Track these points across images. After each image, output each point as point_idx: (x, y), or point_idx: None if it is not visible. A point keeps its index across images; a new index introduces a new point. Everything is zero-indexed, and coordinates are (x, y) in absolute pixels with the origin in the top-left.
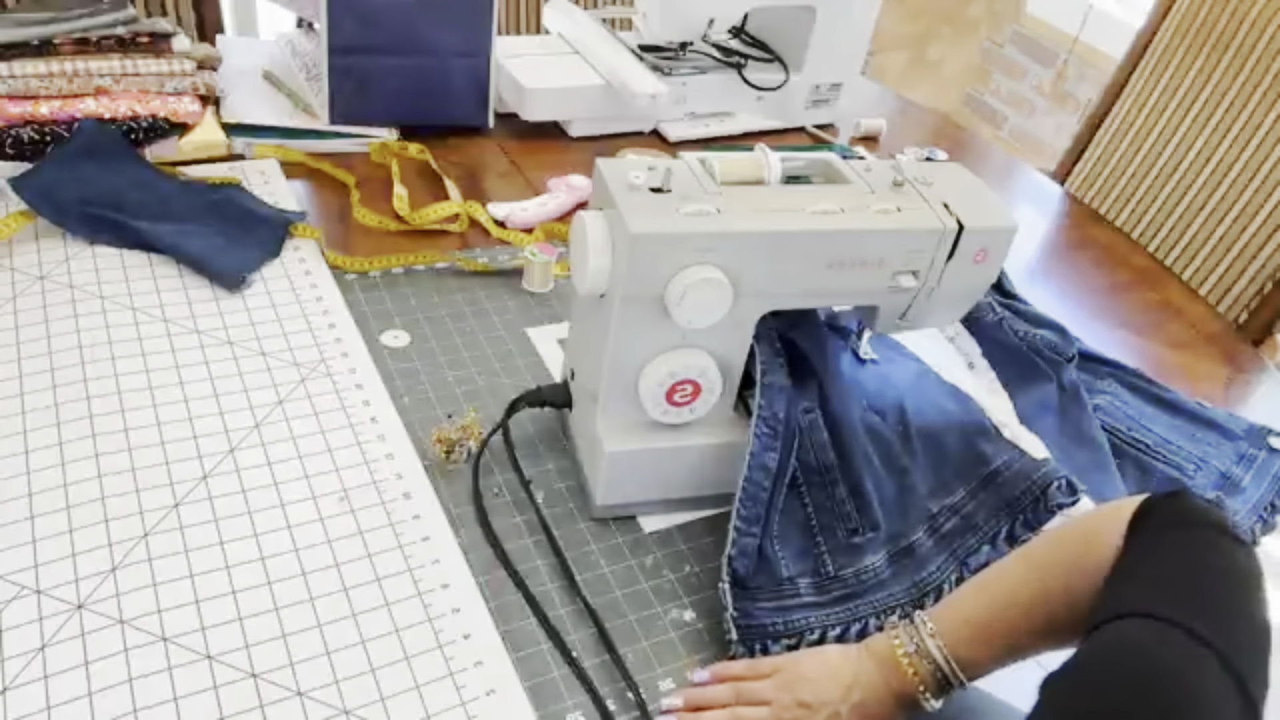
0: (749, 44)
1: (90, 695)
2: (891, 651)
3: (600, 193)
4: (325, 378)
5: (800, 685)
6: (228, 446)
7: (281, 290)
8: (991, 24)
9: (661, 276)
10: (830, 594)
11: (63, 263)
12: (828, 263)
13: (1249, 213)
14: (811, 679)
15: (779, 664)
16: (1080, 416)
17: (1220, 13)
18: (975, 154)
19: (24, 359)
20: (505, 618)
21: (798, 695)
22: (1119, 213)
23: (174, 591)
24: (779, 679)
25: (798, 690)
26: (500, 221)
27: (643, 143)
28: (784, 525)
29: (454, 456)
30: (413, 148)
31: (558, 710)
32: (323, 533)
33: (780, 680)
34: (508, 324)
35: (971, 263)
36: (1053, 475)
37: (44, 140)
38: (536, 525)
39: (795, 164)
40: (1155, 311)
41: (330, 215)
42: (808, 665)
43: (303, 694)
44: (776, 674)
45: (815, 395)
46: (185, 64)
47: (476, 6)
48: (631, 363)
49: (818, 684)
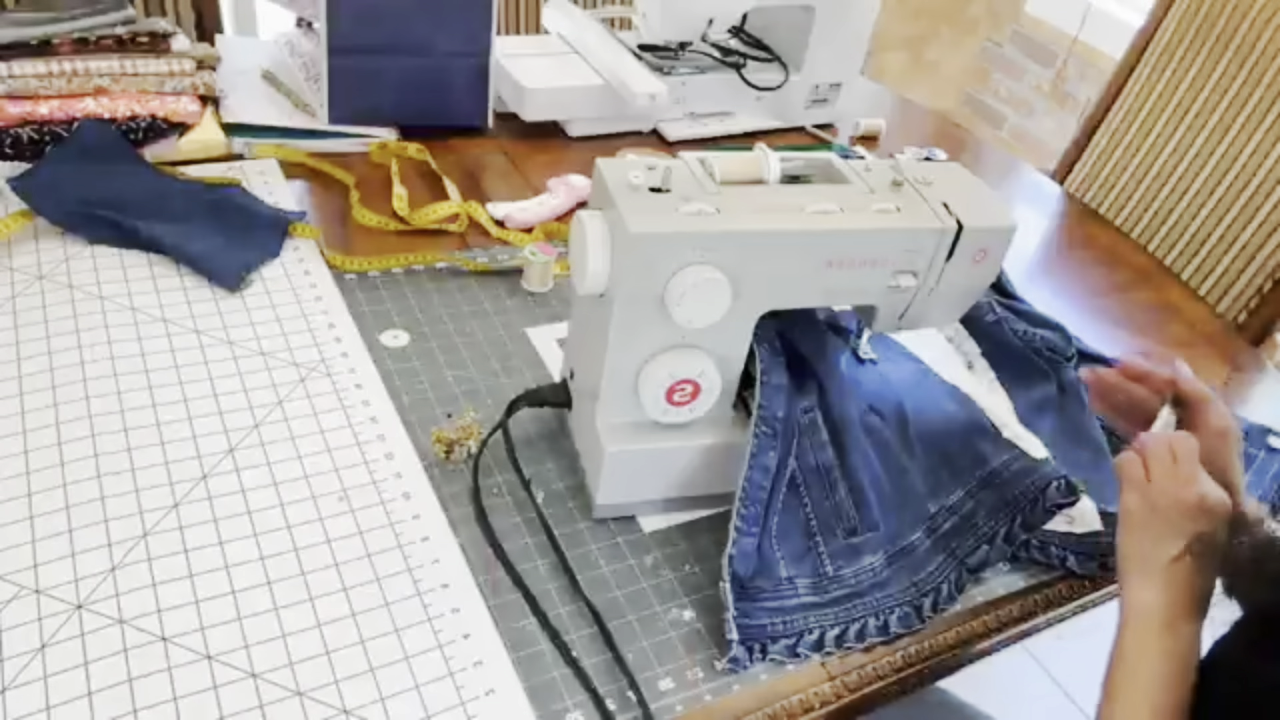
0: (748, 44)
1: (90, 695)
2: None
3: (600, 192)
4: (325, 378)
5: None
6: (227, 446)
7: (281, 290)
8: (991, 24)
9: (661, 276)
10: (829, 594)
11: (62, 263)
12: (827, 262)
13: (1248, 213)
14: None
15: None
16: (1079, 416)
17: (1220, 12)
18: (975, 154)
19: (23, 359)
20: (505, 618)
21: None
22: (1118, 212)
23: (173, 591)
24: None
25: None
26: (500, 221)
27: (642, 142)
28: (783, 525)
29: (453, 456)
30: (412, 148)
31: (558, 710)
32: (322, 532)
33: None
34: (507, 324)
35: (971, 263)
36: (1051, 475)
37: (43, 140)
38: (536, 525)
39: (794, 164)
40: (1154, 311)
41: (330, 215)
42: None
43: (303, 694)
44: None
45: (815, 395)
46: (184, 64)
47: (476, 6)
48: (631, 363)
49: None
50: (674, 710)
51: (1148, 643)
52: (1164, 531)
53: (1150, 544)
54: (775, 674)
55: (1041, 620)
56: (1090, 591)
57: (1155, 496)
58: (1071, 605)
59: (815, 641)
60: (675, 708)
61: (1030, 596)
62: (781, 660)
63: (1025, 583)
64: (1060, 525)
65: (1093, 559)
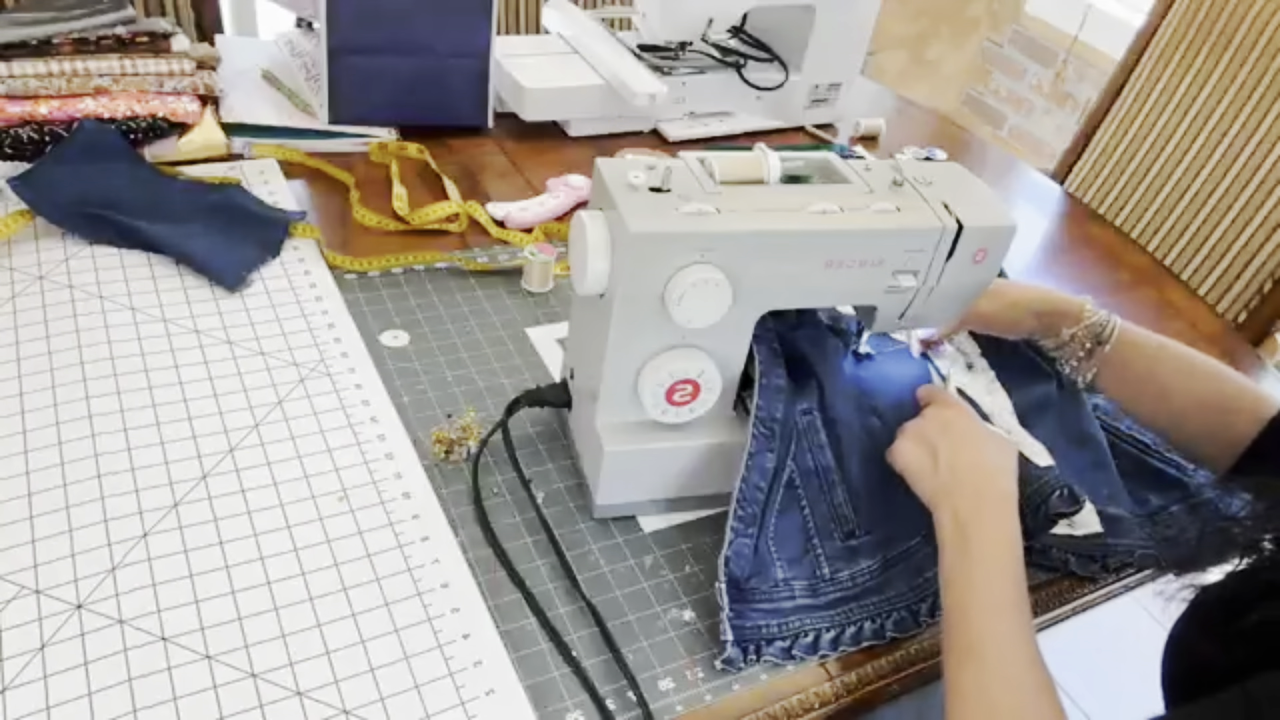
0: (748, 44)
1: (90, 695)
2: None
3: (599, 192)
4: (324, 377)
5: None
6: (227, 446)
7: (281, 290)
8: (991, 24)
9: (661, 276)
10: (825, 597)
11: (62, 263)
12: (827, 262)
13: (1248, 212)
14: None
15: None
16: (1079, 415)
17: (1220, 12)
18: (975, 154)
19: (23, 359)
20: (505, 618)
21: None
22: (1118, 212)
23: (173, 591)
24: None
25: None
26: (500, 221)
27: (642, 142)
28: (780, 527)
29: (453, 456)
30: (412, 147)
31: (557, 710)
32: (322, 532)
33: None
34: (507, 324)
35: (971, 262)
36: (1054, 484)
37: (43, 140)
38: (536, 525)
39: (794, 164)
40: (1155, 311)
41: (330, 215)
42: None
43: (302, 694)
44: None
45: (814, 397)
46: (184, 64)
47: (476, 6)
48: (631, 363)
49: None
50: (674, 710)
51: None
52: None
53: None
54: (775, 674)
55: (1042, 620)
56: (1090, 592)
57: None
58: (1071, 605)
59: (811, 644)
60: (675, 708)
61: (1030, 597)
62: (777, 662)
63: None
64: (1060, 528)
65: (1094, 560)
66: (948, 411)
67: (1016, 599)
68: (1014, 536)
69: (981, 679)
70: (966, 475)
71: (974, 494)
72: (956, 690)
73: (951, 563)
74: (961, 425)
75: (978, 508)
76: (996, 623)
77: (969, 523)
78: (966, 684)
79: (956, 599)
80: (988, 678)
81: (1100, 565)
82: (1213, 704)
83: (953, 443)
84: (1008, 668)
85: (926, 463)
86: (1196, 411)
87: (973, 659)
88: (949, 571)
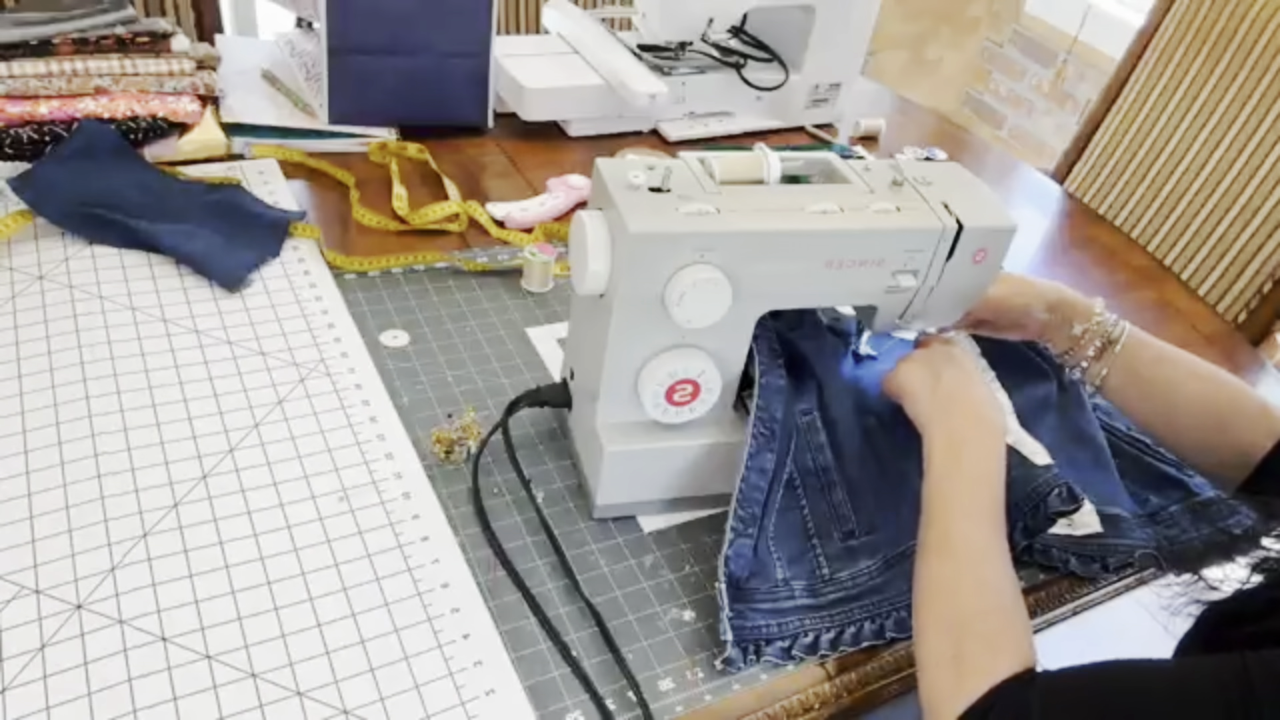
0: (748, 44)
1: (89, 695)
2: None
3: (599, 192)
4: (324, 377)
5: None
6: (227, 446)
7: (281, 290)
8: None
9: (661, 276)
10: (825, 597)
11: (62, 263)
12: (827, 262)
13: (1248, 212)
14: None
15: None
16: (1079, 416)
17: (1220, 12)
18: (975, 154)
19: (23, 359)
20: (505, 618)
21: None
22: (1119, 212)
23: (173, 591)
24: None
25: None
26: (499, 221)
27: (642, 142)
28: (780, 527)
29: (453, 456)
30: (412, 148)
31: (557, 710)
32: (322, 532)
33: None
34: (507, 324)
35: (971, 262)
36: (1053, 483)
37: (43, 140)
38: (536, 525)
39: (794, 164)
40: (1155, 311)
41: (329, 215)
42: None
43: (302, 694)
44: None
45: (814, 397)
46: (184, 64)
47: (476, 6)
48: (631, 363)
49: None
50: (674, 710)
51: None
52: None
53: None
54: (775, 674)
55: (1041, 620)
56: (1091, 592)
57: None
58: (1071, 605)
59: (810, 644)
60: (675, 708)
61: (1030, 597)
62: (776, 662)
63: (1025, 584)
64: (1060, 528)
65: (1095, 560)
66: (954, 349)
67: (996, 515)
68: (1001, 468)
69: (954, 575)
70: (965, 403)
71: (973, 420)
72: (927, 582)
73: (939, 474)
74: (967, 362)
75: (974, 433)
76: (975, 528)
77: (964, 442)
78: (937, 577)
79: (939, 502)
80: (960, 575)
81: (1100, 565)
82: (1211, 664)
83: (956, 373)
84: (980, 568)
85: (928, 383)
86: (1203, 423)
87: (948, 554)
88: (935, 482)
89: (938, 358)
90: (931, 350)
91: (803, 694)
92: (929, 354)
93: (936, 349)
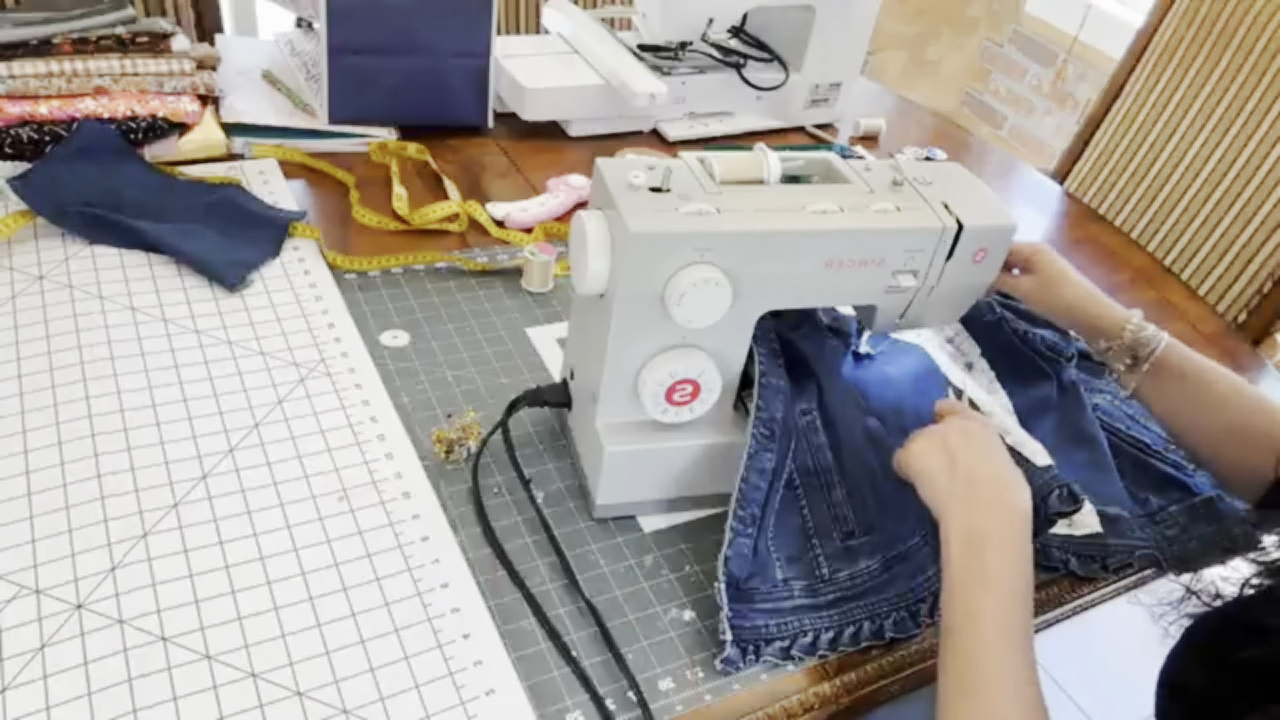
0: (748, 44)
1: (89, 695)
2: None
3: (599, 192)
4: (324, 377)
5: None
6: (227, 446)
7: (281, 290)
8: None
9: (661, 276)
10: (824, 597)
11: (62, 263)
12: (827, 262)
13: (1248, 213)
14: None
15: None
16: (1079, 415)
17: (1220, 12)
18: (975, 154)
19: (23, 359)
20: (505, 617)
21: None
22: (1119, 212)
23: (173, 591)
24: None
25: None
26: (500, 221)
27: (642, 142)
28: (780, 527)
29: (453, 456)
30: (412, 147)
31: (557, 710)
32: (322, 532)
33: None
34: (507, 324)
35: (971, 262)
36: (1054, 484)
37: (43, 140)
38: (536, 525)
39: (794, 164)
40: (1155, 311)
41: (330, 215)
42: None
43: (302, 694)
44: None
45: (814, 397)
46: (184, 64)
47: (476, 6)
48: (631, 363)
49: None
50: (674, 710)
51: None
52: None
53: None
54: (775, 674)
55: (1041, 620)
56: (1090, 592)
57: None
58: (1071, 605)
59: (810, 644)
60: (675, 708)
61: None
62: (776, 662)
63: None
64: (1060, 528)
65: (1094, 560)
66: (972, 423)
67: (1025, 629)
68: (1028, 557)
69: (983, 716)
70: (986, 486)
71: (993, 506)
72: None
73: (959, 580)
74: (986, 438)
75: (994, 524)
76: (1005, 657)
77: (986, 540)
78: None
79: (961, 615)
80: (990, 717)
81: (1100, 565)
82: None
83: (974, 452)
84: (1010, 709)
85: (942, 467)
86: (1232, 439)
87: (980, 694)
88: (957, 589)
89: (954, 436)
90: (947, 426)
91: (803, 694)
92: (944, 431)
93: (953, 424)
